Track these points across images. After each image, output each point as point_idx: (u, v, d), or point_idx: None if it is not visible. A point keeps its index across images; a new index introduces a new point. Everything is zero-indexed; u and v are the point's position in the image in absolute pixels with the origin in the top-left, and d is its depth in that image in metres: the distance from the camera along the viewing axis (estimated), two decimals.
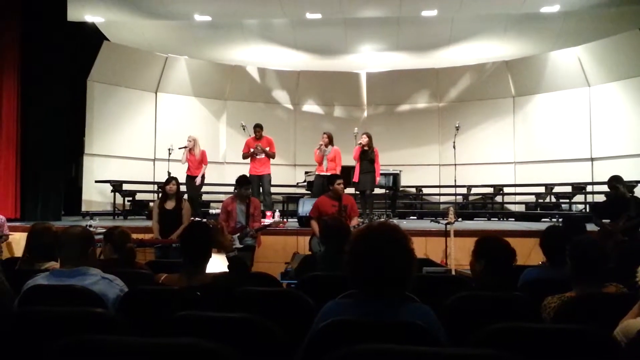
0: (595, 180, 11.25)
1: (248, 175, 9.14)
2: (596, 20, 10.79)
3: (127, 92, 12.19)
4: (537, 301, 2.75)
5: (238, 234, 6.57)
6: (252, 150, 9.41)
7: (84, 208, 11.14)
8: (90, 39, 11.10)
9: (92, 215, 10.23)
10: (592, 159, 11.58)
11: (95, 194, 11.49)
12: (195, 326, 2.19)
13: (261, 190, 9.38)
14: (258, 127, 9.50)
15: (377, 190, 9.69)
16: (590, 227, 8.69)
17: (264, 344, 2.10)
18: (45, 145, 9.55)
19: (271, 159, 9.57)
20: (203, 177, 9.37)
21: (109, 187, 11.11)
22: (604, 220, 7.00)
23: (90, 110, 11.50)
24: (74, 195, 11.17)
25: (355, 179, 9.28)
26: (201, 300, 2.74)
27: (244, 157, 9.55)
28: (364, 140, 9.11)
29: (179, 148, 9.51)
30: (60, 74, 9.75)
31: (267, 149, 9.42)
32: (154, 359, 1.44)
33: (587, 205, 11.14)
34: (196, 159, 9.36)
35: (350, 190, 9.15)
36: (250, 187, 7.05)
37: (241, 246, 6.51)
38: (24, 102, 9.51)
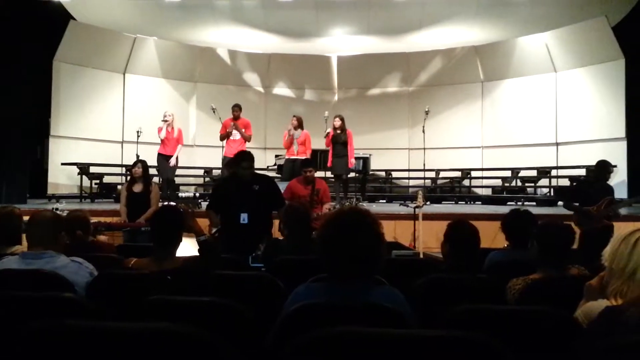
0: (560, 164, 11.50)
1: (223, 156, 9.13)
2: (564, 7, 10.92)
3: (95, 73, 11.93)
4: (501, 283, 2.81)
5: None
6: (227, 130, 9.31)
7: (50, 191, 10.93)
8: (56, 18, 10.74)
9: (58, 198, 10.03)
10: (557, 144, 11.81)
11: (61, 177, 11.28)
12: (166, 310, 2.19)
13: None
14: (236, 107, 9.34)
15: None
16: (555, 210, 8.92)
17: (235, 328, 2.12)
18: (10, 126, 9.32)
19: (247, 142, 9.35)
20: (177, 158, 9.20)
21: (75, 169, 10.92)
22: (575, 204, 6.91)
23: (57, 91, 11.23)
24: (40, 178, 10.94)
25: (329, 163, 9.30)
26: (172, 284, 2.74)
27: (221, 138, 9.41)
28: (337, 123, 9.10)
29: (163, 120, 9.14)
30: (25, 54, 9.49)
31: (243, 130, 9.30)
32: (127, 343, 1.45)
33: (552, 189, 11.38)
34: (173, 137, 9.16)
35: (321, 174, 9.20)
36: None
37: None
38: None
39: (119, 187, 9.79)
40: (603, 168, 6.88)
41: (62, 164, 11.01)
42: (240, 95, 13.19)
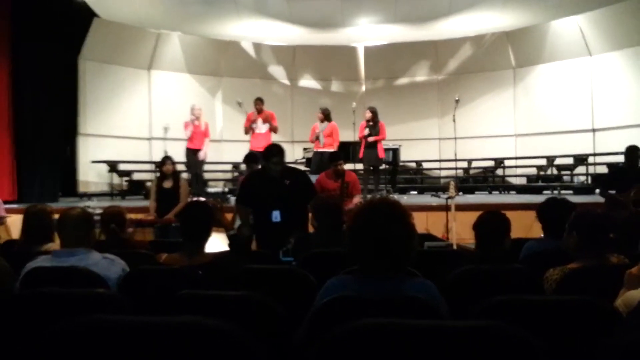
0: (597, 151, 11.20)
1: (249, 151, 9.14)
2: None
3: (120, 70, 12.04)
4: (538, 273, 2.74)
5: None
6: (251, 123, 9.30)
7: (80, 189, 11.10)
8: (80, 16, 10.75)
9: (89, 196, 10.19)
10: (593, 130, 11.51)
11: (91, 175, 11.44)
12: (197, 305, 2.19)
13: None
14: (258, 101, 9.37)
15: None
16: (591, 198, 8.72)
17: (265, 322, 2.11)
18: (40, 125, 9.46)
19: (273, 133, 9.36)
20: (205, 153, 9.27)
21: (105, 167, 11.07)
22: (610, 191, 6.81)
23: (83, 89, 11.37)
24: (70, 176, 11.10)
25: (361, 154, 9.26)
26: (203, 279, 2.74)
27: (245, 131, 9.43)
28: (368, 115, 9.07)
29: (192, 115, 9.23)
30: (52, 52, 9.60)
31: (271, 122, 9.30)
32: (158, 338, 1.44)
33: (589, 177, 11.12)
34: (201, 131, 9.25)
35: (351, 167, 9.14)
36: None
37: None
38: (16, 82, 9.35)
39: (148, 183, 9.89)
40: (631, 153, 6.80)
41: (92, 161, 11.17)
42: (266, 88, 13.19)
